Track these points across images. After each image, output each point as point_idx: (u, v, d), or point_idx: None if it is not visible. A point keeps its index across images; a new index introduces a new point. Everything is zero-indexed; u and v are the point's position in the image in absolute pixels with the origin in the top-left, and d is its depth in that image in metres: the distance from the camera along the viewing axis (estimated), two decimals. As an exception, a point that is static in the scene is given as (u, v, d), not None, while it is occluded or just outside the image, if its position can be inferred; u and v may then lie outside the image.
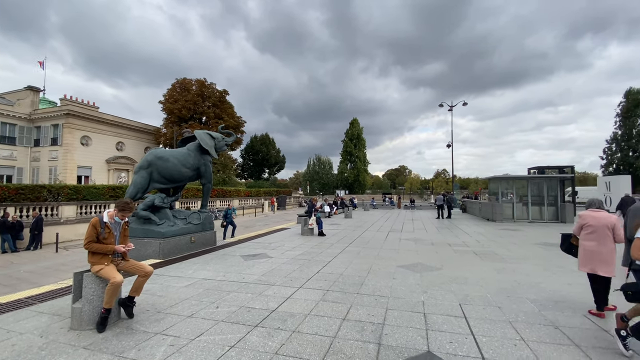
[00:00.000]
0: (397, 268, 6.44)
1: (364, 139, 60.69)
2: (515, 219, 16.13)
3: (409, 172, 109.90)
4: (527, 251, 8.26)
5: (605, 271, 3.91)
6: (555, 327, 3.58)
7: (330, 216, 20.08)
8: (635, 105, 41.12)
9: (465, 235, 11.28)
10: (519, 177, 17.55)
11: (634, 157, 40.58)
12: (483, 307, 4.22)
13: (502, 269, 6.33)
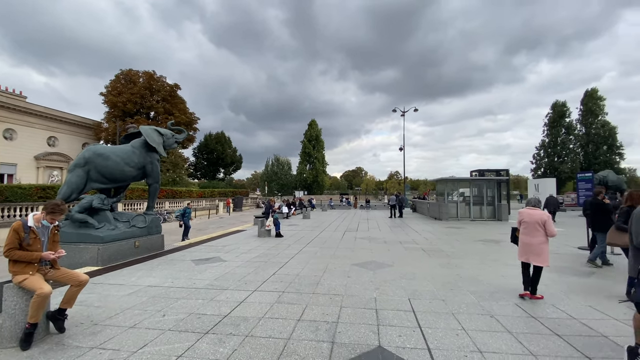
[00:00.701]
0: (352, 266, 6.60)
1: (322, 141, 61.36)
2: (459, 217, 17.48)
3: (365, 173, 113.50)
4: (469, 247, 8.99)
5: (537, 261, 4.50)
6: (491, 316, 3.93)
7: (288, 217, 19.97)
8: (560, 116, 46.96)
9: (415, 234, 11.95)
10: (462, 179, 19.05)
11: (559, 162, 46.28)
12: (429, 301, 4.50)
13: (446, 264, 6.81)
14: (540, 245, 4.49)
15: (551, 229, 4.43)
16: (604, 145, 43.20)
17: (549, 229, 4.43)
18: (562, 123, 46.67)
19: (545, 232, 4.46)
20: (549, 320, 3.80)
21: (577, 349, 3.09)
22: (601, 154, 42.93)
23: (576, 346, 3.15)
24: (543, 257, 4.48)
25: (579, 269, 6.34)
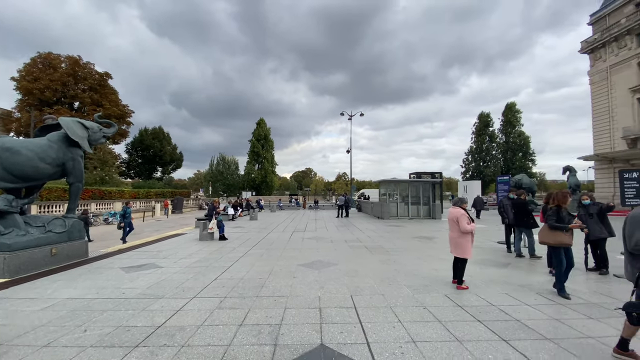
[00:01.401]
0: (298, 267, 6.61)
1: (271, 140, 60.54)
2: (399, 216, 18.64)
3: (315, 174, 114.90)
4: (407, 244, 9.62)
5: (456, 253, 5.11)
6: (424, 308, 4.25)
7: (234, 219, 19.28)
8: (485, 125, 52.84)
9: (360, 232, 12.43)
10: (402, 180, 20.33)
11: (484, 166, 52.00)
12: (370, 296, 4.71)
13: (386, 260, 7.20)
14: (457, 239, 5.08)
15: (462, 225, 4.99)
16: (519, 152, 49.71)
17: (460, 225, 5.01)
18: (487, 132, 52.64)
19: (459, 227, 5.05)
20: (472, 308, 4.24)
21: (495, 333, 3.49)
22: (517, 160, 49.31)
23: (494, 330, 3.56)
24: (460, 250, 5.06)
25: (498, 261, 7.19)
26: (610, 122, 29.08)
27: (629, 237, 2.92)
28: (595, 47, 30.78)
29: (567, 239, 4.67)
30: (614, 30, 28.52)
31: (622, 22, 27.93)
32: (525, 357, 2.96)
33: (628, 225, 2.97)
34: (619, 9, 28.99)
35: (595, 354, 3.02)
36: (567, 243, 4.67)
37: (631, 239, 2.87)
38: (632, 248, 2.86)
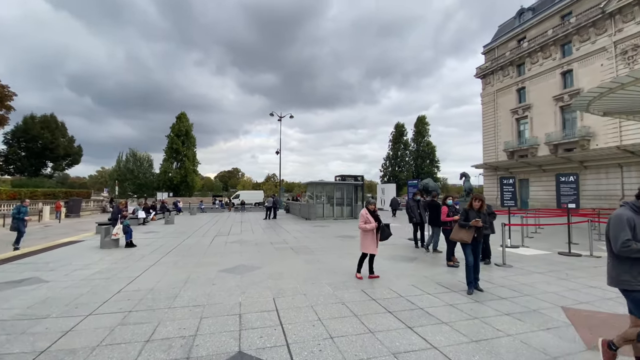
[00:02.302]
0: (218, 273, 6.27)
1: (194, 137, 56.36)
2: (325, 217, 19.30)
3: (242, 174, 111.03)
4: (330, 243, 10.01)
5: (360, 248, 5.88)
6: (343, 304, 4.47)
7: (145, 223, 17.32)
8: (400, 134, 58.45)
9: (286, 234, 12.45)
10: (328, 183, 21.11)
11: (398, 171, 57.43)
12: (292, 297, 4.74)
13: (310, 260, 7.37)
14: (360, 236, 5.83)
15: (359, 223, 5.82)
16: (427, 160, 56.41)
17: (359, 223, 5.72)
18: (402, 140, 58.39)
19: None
20: (384, 300, 4.62)
21: (403, 321, 3.86)
22: (426, 166, 55.86)
23: (402, 319, 3.93)
24: (362, 245, 5.82)
25: (408, 256, 8.00)
26: (496, 137, 35.17)
27: (613, 240, 2.72)
28: (486, 74, 36.90)
29: (465, 236, 5.07)
30: (500, 61, 34.63)
31: (506, 55, 34.10)
32: (425, 340, 3.35)
33: (611, 228, 2.76)
34: (505, 43, 35.35)
35: (479, 332, 3.59)
36: (465, 240, 5.07)
37: (617, 241, 2.67)
38: (618, 250, 2.66)
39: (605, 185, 23.98)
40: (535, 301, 4.64)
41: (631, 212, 2.72)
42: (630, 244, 2.59)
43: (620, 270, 2.72)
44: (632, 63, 22.63)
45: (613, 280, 2.80)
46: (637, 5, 22.52)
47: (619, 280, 2.73)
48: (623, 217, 2.69)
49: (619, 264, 2.73)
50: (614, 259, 2.79)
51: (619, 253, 2.68)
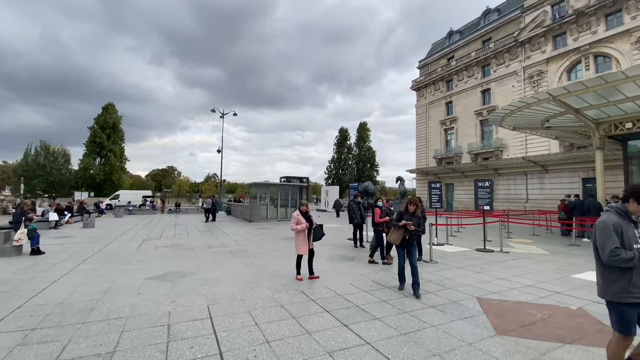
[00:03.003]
0: (145, 281, 5.73)
1: (122, 130, 50.91)
2: (268, 218, 19.00)
3: (179, 173, 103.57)
4: (273, 245, 9.87)
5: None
6: (281, 306, 4.42)
7: (58, 227, 15.08)
8: (344, 139, 60.47)
9: (226, 237, 11.93)
10: (272, 184, 20.87)
11: (342, 173, 59.30)
12: (229, 303, 4.54)
13: (251, 264, 7.17)
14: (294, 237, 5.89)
15: (290, 225, 5.84)
16: (368, 164, 59.31)
17: (291, 224, 5.82)
18: (345, 144, 60.51)
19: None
20: (323, 300, 4.69)
21: (339, 320, 3.95)
22: (366, 170, 58.66)
23: (339, 317, 4.03)
24: (295, 246, 5.87)
25: (347, 255, 8.27)
26: (427, 145, 38.48)
27: (601, 249, 2.48)
28: (420, 87, 40.20)
29: (395, 238, 5.14)
30: (432, 76, 38.03)
31: (438, 71, 37.56)
32: (359, 337, 3.48)
33: (598, 236, 2.53)
34: (437, 60, 38.93)
35: (407, 325, 3.85)
36: (394, 241, 5.15)
37: (604, 250, 2.44)
38: (607, 260, 2.42)
39: (514, 190, 27.87)
40: (456, 293, 5.15)
41: (617, 217, 2.53)
42: (619, 252, 2.36)
43: (609, 281, 2.50)
44: (537, 86, 26.75)
45: (602, 291, 2.58)
46: (543, 37, 26.73)
47: (606, 291, 2.52)
48: (609, 224, 2.48)
49: (609, 273, 2.50)
50: (602, 268, 2.56)
51: (608, 263, 2.44)
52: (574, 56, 24.48)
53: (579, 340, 3.51)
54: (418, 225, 5.18)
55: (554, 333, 3.69)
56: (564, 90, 10.28)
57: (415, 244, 5.30)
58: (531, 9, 27.72)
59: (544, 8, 26.63)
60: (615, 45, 22.12)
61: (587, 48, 23.58)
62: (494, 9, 33.67)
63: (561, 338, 3.56)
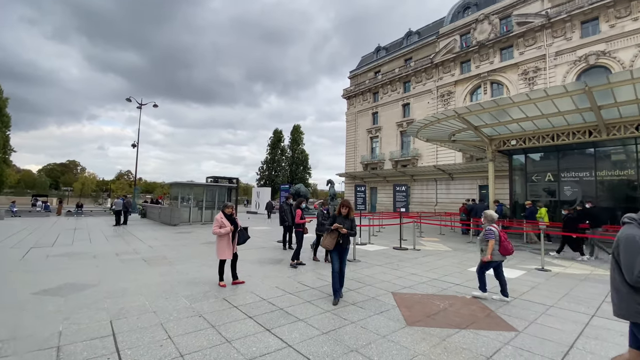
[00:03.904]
0: (31, 297, 4.77)
1: (8, 115, 41.63)
2: (191, 221, 17.69)
3: (83, 169, 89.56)
4: (194, 251, 9.21)
5: (217, 255, 5.64)
6: (200, 316, 4.14)
7: None
8: (278, 140, 60.09)
9: (139, 242, 10.71)
10: (197, 184, 19.51)
11: (274, 175, 58.75)
12: (137, 317, 4.07)
13: (167, 272, 6.55)
14: (216, 240, 5.62)
15: (213, 229, 5.51)
16: (301, 166, 60.03)
17: (213, 229, 5.51)
18: (279, 146, 60.24)
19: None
20: (246, 306, 4.55)
21: (262, 325, 3.88)
22: (299, 172, 59.30)
23: (262, 322, 3.95)
24: (217, 252, 5.59)
25: (275, 258, 8.19)
26: (355, 151, 40.72)
27: (628, 267, 2.23)
28: (350, 96, 42.38)
29: (329, 243, 4.88)
30: (361, 87, 40.44)
31: (366, 82, 40.07)
32: (281, 340, 3.47)
33: (624, 253, 2.28)
34: (366, 72, 41.53)
35: (329, 324, 3.98)
36: (328, 246, 4.87)
37: (632, 269, 2.19)
38: (635, 280, 2.17)
39: (426, 194, 31.31)
40: (374, 290, 5.53)
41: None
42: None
43: (634, 301, 2.26)
44: (447, 104, 30.56)
45: (624, 311, 2.34)
46: (453, 62, 30.67)
47: (631, 312, 2.28)
48: (636, 239, 2.20)
49: (635, 293, 2.25)
50: (626, 287, 2.30)
51: (636, 283, 2.19)
52: (476, 81, 28.75)
53: (472, 325, 4.09)
54: (351, 228, 5.01)
55: (453, 320, 4.23)
56: (466, 110, 11.99)
57: (348, 248, 5.12)
58: (445, 36, 31.68)
59: (454, 37, 30.70)
60: (506, 75, 26.69)
61: (485, 75, 27.94)
62: (415, 32, 37.53)
63: (458, 324, 4.10)
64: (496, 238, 5.17)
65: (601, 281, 6.54)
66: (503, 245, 5.19)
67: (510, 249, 5.22)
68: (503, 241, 5.20)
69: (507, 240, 5.27)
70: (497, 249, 5.18)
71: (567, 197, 13.64)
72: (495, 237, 5.17)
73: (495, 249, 5.15)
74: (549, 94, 9.92)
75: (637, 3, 20.14)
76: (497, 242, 5.17)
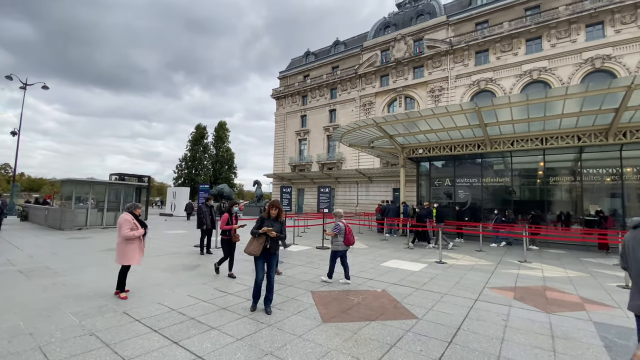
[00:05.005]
0: None
1: None
2: (89, 225, 15.27)
3: None
4: (91, 259, 7.96)
5: (119, 260, 5.01)
6: (92, 334, 3.59)
7: None
8: (201, 136, 56.03)
9: (16, 251, 8.77)
10: (96, 181, 16.92)
11: (195, 174, 54.61)
12: (8, 341, 3.32)
13: (51, 286, 5.51)
14: (118, 245, 5.01)
15: (123, 231, 4.93)
16: (226, 165, 57.21)
17: (122, 231, 4.94)
18: (202, 143, 56.31)
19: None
20: (151, 318, 4.11)
21: (169, 338, 3.55)
22: (224, 172, 56.41)
23: (168, 335, 3.62)
24: (125, 257, 4.99)
25: (190, 264, 7.61)
26: (284, 152, 40.73)
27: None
28: (279, 96, 42.25)
29: (254, 248, 4.50)
30: (291, 89, 40.66)
31: (295, 85, 40.43)
32: (189, 352, 3.23)
33: (633, 245, 2.41)
34: (295, 75, 41.90)
35: (244, 329, 3.86)
36: (254, 252, 4.48)
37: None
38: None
39: (349, 196, 33.13)
40: (294, 290, 5.60)
41: None
42: None
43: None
44: (368, 113, 32.85)
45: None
46: (374, 74, 33.11)
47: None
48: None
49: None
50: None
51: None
52: (393, 94, 31.64)
53: (381, 316, 4.46)
54: (280, 231, 4.65)
55: (365, 313, 4.55)
56: (383, 120, 13.11)
57: (277, 253, 4.74)
58: (368, 50, 34.09)
59: (376, 51, 33.27)
60: (417, 91, 30.03)
61: (401, 89, 30.96)
62: (342, 42, 39.46)
63: (369, 317, 4.42)
64: (342, 232, 6.09)
65: (484, 270, 7.83)
66: (347, 238, 6.12)
67: (352, 241, 6.21)
68: (347, 234, 6.15)
69: (351, 234, 6.23)
70: (341, 241, 6.09)
71: (460, 200, 16.03)
72: (341, 231, 6.10)
73: (340, 241, 6.07)
74: (448, 110, 11.53)
75: (517, 41, 24.87)
76: (342, 234, 6.07)
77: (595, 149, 13.18)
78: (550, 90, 10.58)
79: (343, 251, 6.20)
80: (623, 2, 20.49)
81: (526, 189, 15.54)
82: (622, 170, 12.85)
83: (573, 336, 3.94)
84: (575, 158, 14.15)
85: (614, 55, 21.01)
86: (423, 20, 31.23)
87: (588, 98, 9.78)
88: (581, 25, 22.38)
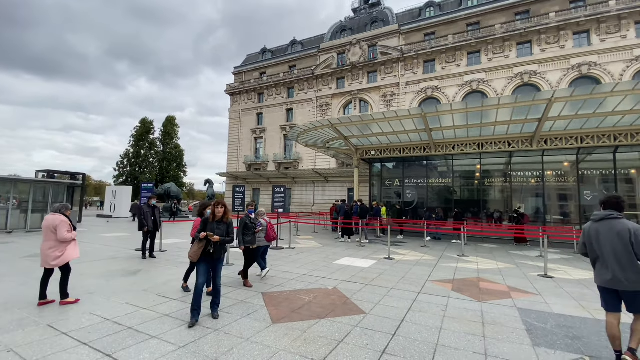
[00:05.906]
0: None
1: None
2: (10, 228, 13.37)
3: None
4: (8, 267, 6.97)
5: (56, 263, 4.59)
6: (10, 351, 3.15)
7: None
8: (147, 132, 51.96)
9: None
10: (22, 179, 14.90)
11: (139, 172, 50.54)
12: None
13: (-46, 301, 4.73)
14: (56, 249, 4.59)
15: (61, 233, 4.57)
16: (174, 163, 53.82)
17: (59, 233, 4.57)
18: (147, 139, 52.30)
19: (56, 236, 4.60)
20: (81, 330, 3.72)
21: (101, 351, 3.25)
22: (172, 170, 53.00)
23: (100, 348, 3.31)
24: (63, 259, 4.63)
25: (130, 269, 7.04)
26: (238, 150, 39.54)
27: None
28: (234, 92, 40.92)
29: (191, 253, 4.25)
30: (246, 85, 39.60)
31: (251, 82, 39.46)
32: (125, 365, 3.00)
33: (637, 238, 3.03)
34: (251, 72, 40.89)
35: (189, 336, 3.68)
36: (192, 257, 4.21)
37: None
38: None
39: (305, 195, 33.27)
40: (245, 292, 5.47)
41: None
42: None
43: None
44: (325, 114, 33.29)
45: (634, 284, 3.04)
46: (331, 76, 33.63)
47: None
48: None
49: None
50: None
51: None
52: (348, 97, 32.46)
53: (330, 314, 4.54)
54: (227, 234, 4.34)
55: (315, 312, 4.60)
56: (338, 121, 13.40)
57: (222, 258, 4.40)
58: (325, 52, 34.53)
59: (332, 54, 33.84)
60: (371, 95, 31.16)
61: (356, 93, 31.88)
62: (299, 42, 39.45)
63: (319, 315, 4.48)
64: (264, 229, 6.44)
65: (428, 265, 8.38)
66: (268, 234, 6.45)
67: (272, 237, 6.60)
68: (269, 231, 6.46)
69: (273, 230, 6.62)
70: (263, 237, 6.44)
71: (408, 199, 16.99)
72: (264, 228, 6.44)
73: (262, 237, 6.41)
74: (398, 115, 12.14)
75: (460, 54, 27.01)
76: (264, 231, 6.43)
77: (522, 154, 14.87)
78: (486, 100, 11.69)
79: (265, 247, 6.58)
80: (548, 25, 23.42)
81: (465, 190, 16.99)
82: (543, 174, 14.67)
83: (500, 321, 4.40)
84: (507, 162, 15.81)
85: (539, 71, 23.93)
86: (377, 27, 32.50)
87: (517, 108, 11.00)
88: (513, 43, 25.09)
